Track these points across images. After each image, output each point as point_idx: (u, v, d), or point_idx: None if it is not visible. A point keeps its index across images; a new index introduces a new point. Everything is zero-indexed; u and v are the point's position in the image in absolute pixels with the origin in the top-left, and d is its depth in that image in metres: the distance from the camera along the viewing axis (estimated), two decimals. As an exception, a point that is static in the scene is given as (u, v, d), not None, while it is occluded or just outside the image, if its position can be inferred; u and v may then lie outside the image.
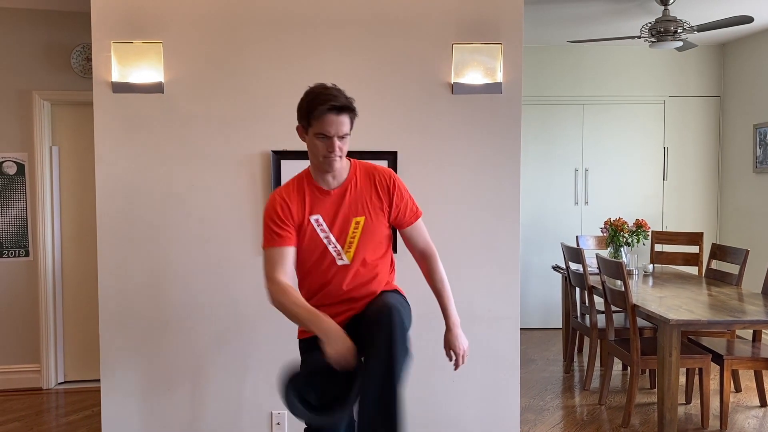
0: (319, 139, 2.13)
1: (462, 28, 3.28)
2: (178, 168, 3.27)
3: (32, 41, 4.66)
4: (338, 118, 2.11)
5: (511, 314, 3.36)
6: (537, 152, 6.46)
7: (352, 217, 2.20)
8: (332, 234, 2.20)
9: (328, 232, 2.20)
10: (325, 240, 2.20)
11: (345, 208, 2.21)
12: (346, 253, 2.20)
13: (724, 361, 3.84)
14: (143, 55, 3.19)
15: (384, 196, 2.24)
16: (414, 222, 2.32)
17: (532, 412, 4.25)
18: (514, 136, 3.33)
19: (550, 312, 6.48)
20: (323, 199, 2.21)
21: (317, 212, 2.21)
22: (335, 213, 2.20)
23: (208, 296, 3.29)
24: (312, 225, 2.20)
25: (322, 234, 2.20)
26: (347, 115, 2.13)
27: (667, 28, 4.74)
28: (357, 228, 2.20)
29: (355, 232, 2.20)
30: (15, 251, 4.71)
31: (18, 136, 4.67)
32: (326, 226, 2.20)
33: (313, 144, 2.16)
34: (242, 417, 3.33)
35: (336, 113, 2.10)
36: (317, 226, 2.20)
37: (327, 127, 2.11)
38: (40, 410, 4.32)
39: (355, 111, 2.16)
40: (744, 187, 6.19)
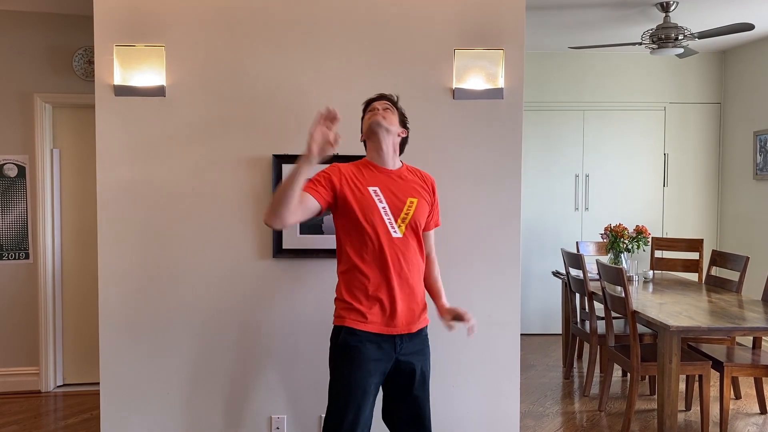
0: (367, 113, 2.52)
1: (464, 33, 3.29)
2: (179, 171, 3.27)
3: (34, 44, 4.67)
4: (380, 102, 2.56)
5: (511, 320, 3.36)
6: (537, 158, 6.46)
7: (407, 197, 2.41)
8: (388, 206, 2.38)
9: (384, 204, 2.38)
10: (381, 210, 2.36)
11: (401, 187, 2.43)
12: (399, 227, 2.37)
13: (724, 368, 3.84)
14: (145, 58, 3.19)
15: (429, 194, 2.51)
16: (433, 228, 2.59)
17: (532, 418, 4.24)
18: (515, 141, 3.33)
19: (549, 318, 6.48)
20: (380, 176, 2.44)
21: (375, 185, 2.41)
22: (391, 189, 2.41)
23: (208, 300, 3.29)
24: (371, 195, 2.37)
25: (379, 204, 2.37)
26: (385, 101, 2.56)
27: (668, 35, 4.75)
28: (411, 206, 2.40)
29: (409, 210, 2.39)
30: (15, 254, 4.70)
31: (19, 138, 4.67)
32: (383, 198, 2.38)
33: (365, 123, 2.52)
34: (242, 421, 3.32)
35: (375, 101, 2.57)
36: (375, 195, 2.38)
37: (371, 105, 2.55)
38: (39, 413, 4.31)
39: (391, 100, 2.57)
40: (744, 193, 6.20)
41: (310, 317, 3.24)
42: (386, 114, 2.46)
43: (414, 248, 2.41)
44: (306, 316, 3.25)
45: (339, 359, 2.38)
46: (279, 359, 3.31)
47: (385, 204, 2.37)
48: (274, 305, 3.29)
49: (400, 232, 2.37)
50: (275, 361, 3.32)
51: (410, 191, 2.44)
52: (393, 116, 2.48)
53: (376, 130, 2.43)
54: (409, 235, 2.39)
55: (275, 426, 3.32)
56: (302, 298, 3.24)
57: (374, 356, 2.34)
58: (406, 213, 2.39)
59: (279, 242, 3.26)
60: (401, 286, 2.37)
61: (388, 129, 2.44)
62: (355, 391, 2.33)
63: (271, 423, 3.33)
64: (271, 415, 3.33)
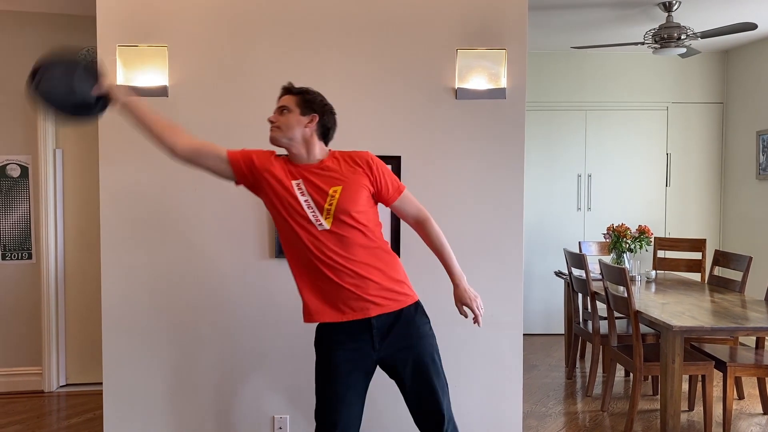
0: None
1: (466, 33, 3.29)
2: (182, 172, 3.26)
3: (37, 44, 4.67)
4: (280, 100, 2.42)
5: (514, 320, 3.36)
6: (540, 158, 6.46)
7: (330, 186, 2.31)
8: (312, 199, 2.30)
9: (308, 197, 2.31)
10: (304, 203, 2.30)
11: (323, 178, 2.32)
12: (325, 219, 2.29)
13: (727, 368, 3.83)
14: (148, 58, 3.20)
15: (366, 173, 2.36)
16: (399, 196, 2.44)
17: (535, 418, 4.24)
18: (517, 141, 3.33)
19: (552, 318, 6.48)
20: (301, 170, 2.35)
21: (299, 178, 2.34)
22: (313, 181, 2.32)
23: (210, 300, 3.29)
24: (293, 187, 2.32)
25: (301, 197, 2.31)
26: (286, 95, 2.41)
27: (671, 35, 4.74)
28: (335, 196, 2.29)
29: (332, 200, 2.29)
30: (18, 254, 4.71)
31: (22, 138, 4.68)
32: (306, 191, 2.31)
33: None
34: (244, 421, 3.33)
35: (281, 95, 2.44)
36: (298, 190, 2.32)
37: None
38: (42, 413, 4.32)
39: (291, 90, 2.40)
40: (747, 193, 6.19)
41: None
42: (280, 121, 2.35)
43: (355, 236, 2.29)
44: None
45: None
46: (281, 359, 3.31)
47: (308, 197, 2.30)
48: (277, 305, 3.29)
49: (327, 224, 2.28)
50: (278, 361, 3.32)
51: (333, 180, 2.32)
52: (289, 115, 2.34)
53: (274, 145, 2.39)
54: (343, 224, 2.28)
55: (278, 426, 3.32)
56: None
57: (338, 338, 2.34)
58: (330, 204, 2.28)
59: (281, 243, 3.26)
60: (340, 278, 2.28)
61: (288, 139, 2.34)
62: (321, 365, 2.38)
63: (273, 423, 3.33)
64: (273, 414, 3.33)
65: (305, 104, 2.36)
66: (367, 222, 2.34)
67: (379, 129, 3.29)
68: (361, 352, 2.34)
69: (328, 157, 2.39)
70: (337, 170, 2.35)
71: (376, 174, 2.37)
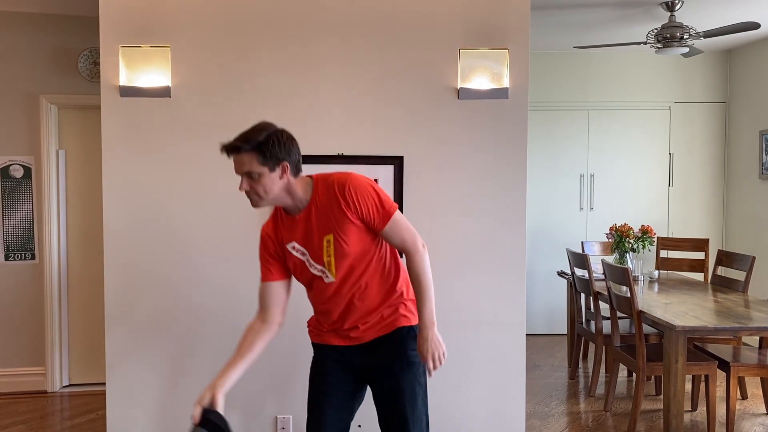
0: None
1: (469, 33, 3.28)
2: (185, 172, 3.27)
3: (40, 45, 4.68)
4: (235, 158, 2.13)
5: (516, 320, 3.35)
6: (542, 158, 6.45)
7: (323, 237, 2.17)
8: (310, 256, 2.20)
9: (307, 255, 2.20)
10: (306, 263, 2.21)
11: (313, 230, 2.18)
12: (329, 272, 2.20)
13: (731, 368, 3.82)
14: (151, 59, 3.20)
15: (346, 207, 2.14)
16: (385, 225, 2.18)
17: (537, 418, 4.23)
18: (520, 141, 3.32)
19: (554, 318, 6.47)
20: (293, 225, 2.22)
21: (292, 239, 2.22)
22: (307, 236, 2.20)
23: (214, 300, 3.29)
24: (290, 252, 2.23)
25: (303, 258, 2.21)
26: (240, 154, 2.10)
27: (673, 34, 4.74)
28: (329, 246, 2.17)
29: (329, 250, 2.17)
30: (21, 254, 4.72)
31: (25, 139, 4.69)
32: (305, 249, 2.21)
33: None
34: (247, 421, 3.33)
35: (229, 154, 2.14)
36: (295, 252, 2.22)
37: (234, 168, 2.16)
38: (45, 413, 4.32)
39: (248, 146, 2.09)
40: (750, 193, 6.18)
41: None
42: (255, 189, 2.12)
43: (354, 280, 2.20)
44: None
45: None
46: (284, 359, 3.31)
47: (308, 256, 2.20)
48: (280, 305, 3.29)
49: (332, 275, 2.19)
50: (280, 362, 3.32)
51: (322, 228, 2.16)
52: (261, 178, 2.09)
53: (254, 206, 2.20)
54: (344, 272, 2.18)
55: (281, 426, 3.33)
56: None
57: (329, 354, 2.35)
58: (328, 255, 2.17)
59: (284, 242, 3.26)
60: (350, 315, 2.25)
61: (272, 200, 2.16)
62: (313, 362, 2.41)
63: (276, 423, 3.33)
64: (276, 415, 3.33)
65: (269, 158, 2.09)
66: (367, 253, 2.21)
67: (381, 129, 3.28)
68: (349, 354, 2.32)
69: (313, 195, 2.18)
70: (323, 212, 2.16)
71: (353, 206, 2.14)
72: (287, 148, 2.13)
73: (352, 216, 2.15)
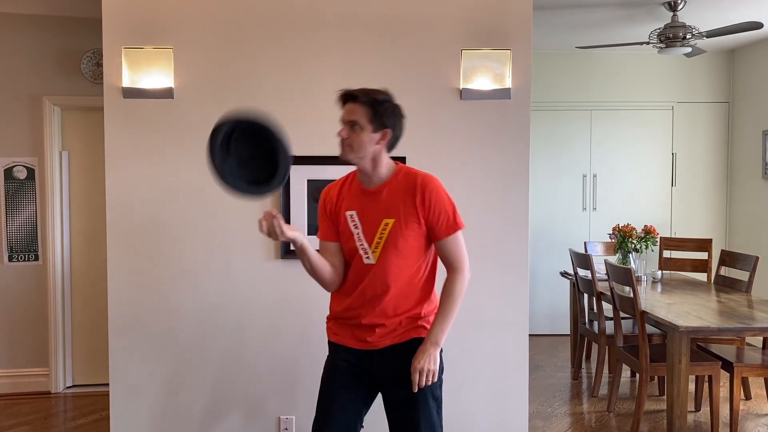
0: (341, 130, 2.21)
1: (471, 33, 3.28)
2: (188, 173, 3.28)
3: (43, 46, 4.69)
4: (349, 105, 2.20)
5: (519, 320, 3.35)
6: (545, 158, 6.45)
7: (383, 218, 2.19)
8: (362, 231, 2.21)
9: (360, 229, 2.21)
10: (356, 236, 2.22)
11: (378, 208, 2.21)
12: (372, 253, 2.20)
13: (734, 369, 3.82)
14: (154, 60, 3.21)
15: (420, 202, 2.18)
16: (445, 237, 2.20)
17: (541, 418, 4.23)
18: (523, 141, 3.32)
19: (557, 318, 6.46)
20: (361, 196, 2.24)
21: (354, 208, 2.24)
22: (368, 211, 2.22)
23: (217, 301, 3.30)
24: (346, 219, 2.24)
25: (354, 230, 2.22)
26: (356, 104, 2.18)
27: (676, 34, 4.73)
28: (385, 229, 2.18)
29: (383, 233, 2.18)
30: (25, 255, 4.73)
31: (28, 141, 4.70)
32: (359, 222, 2.22)
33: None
34: (250, 422, 3.33)
35: (343, 102, 2.22)
36: (351, 221, 2.23)
37: (342, 113, 2.21)
38: (49, 414, 4.33)
39: (366, 99, 2.17)
40: (753, 193, 6.16)
41: (319, 318, 3.24)
42: (351, 138, 2.16)
43: (390, 272, 2.18)
44: (314, 317, 3.25)
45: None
46: (287, 360, 3.32)
47: (360, 230, 2.21)
48: (282, 306, 3.29)
49: (374, 258, 2.18)
50: (283, 362, 3.32)
51: (388, 211, 2.18)
52: (362, 133, 2.15)
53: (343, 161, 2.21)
54: (385, 259, 2.17)
55: (284, 426, 3.33)
56: (310, 299, 3.24)
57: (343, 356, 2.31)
58: (380, 237, 2.17)
59: (287, 243, 3.26)
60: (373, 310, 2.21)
61: (359, 158, 2.18)
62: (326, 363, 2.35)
63: (279, 423, 3.33)
64: (279, 415, 3.34)
65: (377, 119, 2.15)
66: (413, 256, 2.21)
67: (383, 130, 3.28)
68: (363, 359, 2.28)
69: (392, 177, 2.22)
70: (394, 198, 2.19)
71: (427, 204, 2.17)
72: (396, 120, 2.21)
73: (421, 213, 2.18)
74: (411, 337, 2.25)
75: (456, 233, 2.22)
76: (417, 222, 2.18)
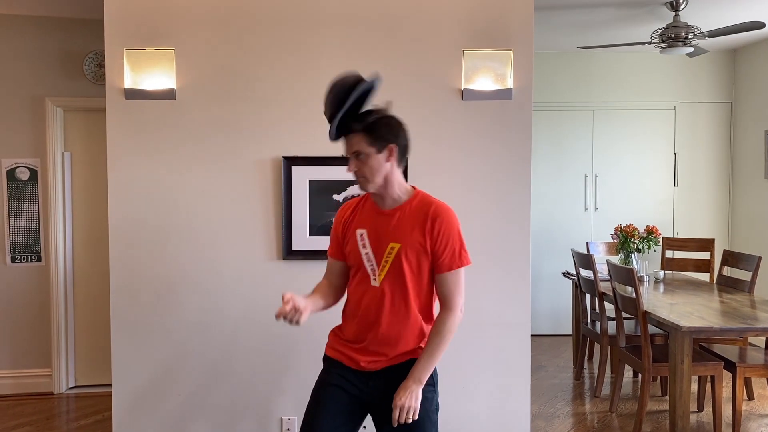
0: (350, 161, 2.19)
1: (472, 34, 3.28)
2: (190, 174, 3.28)
3: (45, 48, 4.70)
4: (345, 139, 2.17)
5: (521, 320, 3.35)
6: (547, 158, 6.45)
7: (390, 242, 2.15)
8: (372, 252, 2.18)
9: (368, 248, 2.18)
10: (364, 256, 2.19)
11: (387, 230, 2.17)
12: (379, 275, 2.16)
13: (737, 369, 3.81)
14: (156, 61, 3.21)
15: (429, 231, 2.14)
16: (446, 271, 2.16)
17: (543, 419, 4.23)
18: (524, 142, 3.32)
19: (559, 318, 6.46)
20: (374, 216, 2.21)
21: (365, 227, 2.21)
22: (378, 233, 2.18)
23: (220, 302, 3.30)
24: (356, 237, 2.21)
25: (363, 249, 2.19)
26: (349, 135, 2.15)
27: (678, 34, 4.72)
28: (391, 253, 2.15)
29: (389, 257, 2.15)
30: (27, 256, 4.74)
31: (31, 142, 4.71)
32: (368, 242, 2.19)
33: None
34: (252, 422, 3.33)
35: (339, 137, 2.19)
36: (360, 240, 2.20)
37: (346, 146, 2.19)
38: (51, 415, 4.34)
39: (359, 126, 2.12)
40: (756, 193, 6.15)
41: (321, 319, 3.24)
42: (362, 170, 2.14)
43: (393, 297, 2.15)
44: (316, 317, 3.25)
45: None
46: (289, 361, 3.32)
47: (368, 249, 2.17)
48: (285, 307, 3.29)
49: (378, 281, 2.15)
50: (285, 363, 3.32)
51: (395, 235, 2.15)
52: (369, 160, 2.11)
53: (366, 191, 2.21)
54: (389, 283, 2.15)
55: (286, 427, 3.33)
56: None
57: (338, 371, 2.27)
58: (386, 260, 2.14)
59: (289, 244, 3.27)
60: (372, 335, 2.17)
61: (377, 184, 2.15)
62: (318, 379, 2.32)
63: (282, 424, 3.34)
64: (281, 416, 3.34)
65: (377, 139, 2.12)
66: (416, 284, 2.17)
67: (385, 130, 3.28)
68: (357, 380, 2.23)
69: (407, 202, 2.19)
70: (405, 222, 2.16)
71: (435, 234, 2.13)
72: (397, 131, 2.17)
73: (427, 243, 2.14)
74: (406, 359, 2.20)
75: (458, 270, 2.17)
76: (424, 251, 2.14)
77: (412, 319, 2.19)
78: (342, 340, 2.29)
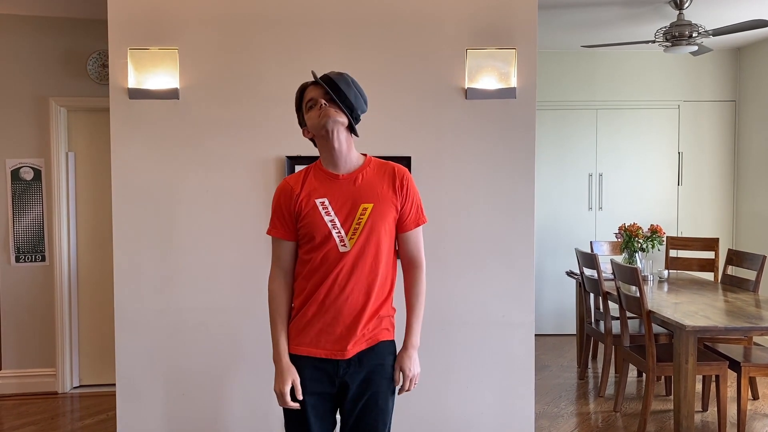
0: (311, 110, 2.14)
1: (476, 33, 3.28)
2: (193, 173, 3.29)
3: (49, 48, 4.71)
4: (316, 88, 2.15)
5: (525, 320, 3.35)
6: (551, 157, 6.44)
7: (360, 203, 2.11)
8: (338, 218, 2.11)
9: (333, 216, 2.11)
10: (329, 224, 2.10)
11: (354, 193, 2.13)
12: (349, 240, 2.10)
13: (741, 368, 3.80)
14: (159, 61, 3.22)
15: (399, 187, 2.16)
16: (413, 228, 2.20)
17: (547, 418, 4.22)
18: (528, 141, 3.32)
19: (563, 318, 6.45)
20: (331, 183, 2.15)
21: (324, 195, 2.14)
22: (343, 197, 2.13)
23: (224, 301, 3.30)
24: (317, 208, 2.12)
25: (327, 217, 2.11)
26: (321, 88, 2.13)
27: (682, 33, 4.71)
28: (364, 214, 2.11)
29: (361, 218, 2.10)
30: (31, 256, 4.75)
31: (35, 142, 4.72)
32: (332, 210, 2.12)
33: (312, 121, 2.15)
34: (254, 422, 3.34)
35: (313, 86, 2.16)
36: (322, 209, 2.12)
37: (309, 95, 2.16)
38: (56, 414, 4.35)
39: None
40: (760, 192, 6.14)
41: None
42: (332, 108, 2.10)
43: (369, 260, 2.11)
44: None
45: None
46: (293, 360, 3.32)
47: (333, 216, 2.10)
48: (288, 306, 3.29)
49: (350, 245, 2.08)
50: (289, 362, 3.32)
51: (366, 196, 2.12)
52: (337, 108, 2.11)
53: (331, 128, 2.10)
54: (360, 246, 2.09)
55: (290, 427, 3.33)
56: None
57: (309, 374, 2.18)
58: (357, 223, 2.09)
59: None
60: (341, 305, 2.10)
61: (343, 123, 2.12)
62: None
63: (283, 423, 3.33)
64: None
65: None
66: (388, 243, 2.15)
67: (388, 129, 3.28)
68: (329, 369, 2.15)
69: (364, 165, 2.18)
70: (370, 182, 2.14)
71: (404, 191, 2.16)
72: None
73: (397, 201, 2.16)
74: (378, 340, 2.16)
75: (420, 226, 2.23)
76: (394, 207, 2.15)
77: (381, 279, 2.15)
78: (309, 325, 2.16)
